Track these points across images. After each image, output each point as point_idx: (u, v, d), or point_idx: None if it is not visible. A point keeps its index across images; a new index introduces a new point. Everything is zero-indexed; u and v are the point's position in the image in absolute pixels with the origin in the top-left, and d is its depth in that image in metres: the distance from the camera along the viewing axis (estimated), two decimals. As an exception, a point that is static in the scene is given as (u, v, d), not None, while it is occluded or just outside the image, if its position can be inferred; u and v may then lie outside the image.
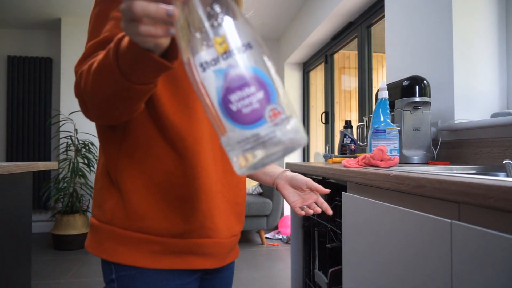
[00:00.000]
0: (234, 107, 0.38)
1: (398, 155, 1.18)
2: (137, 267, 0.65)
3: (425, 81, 1.34)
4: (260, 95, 0.39)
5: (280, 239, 3.83)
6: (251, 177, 0.93)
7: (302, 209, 0.86)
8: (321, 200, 0.88)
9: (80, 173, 3.57)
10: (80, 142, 3.67)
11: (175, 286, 0.68)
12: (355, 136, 1.89)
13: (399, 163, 1.30)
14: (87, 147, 3.67)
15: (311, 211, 0.86)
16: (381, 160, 1.00)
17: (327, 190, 0.86)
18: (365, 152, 1.87)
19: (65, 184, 3.57)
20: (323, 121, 3.63)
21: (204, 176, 0.68)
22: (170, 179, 0.67)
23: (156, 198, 0.66)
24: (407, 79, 1.37)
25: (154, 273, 0.66)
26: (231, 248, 0.77)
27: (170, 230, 0.66)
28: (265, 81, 0.39)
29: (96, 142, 3.75)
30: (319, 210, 0.87)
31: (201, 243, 0.69)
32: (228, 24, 0.40)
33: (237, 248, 0.83)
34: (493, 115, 1.27)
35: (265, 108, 0.38)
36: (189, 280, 0.70)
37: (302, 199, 0.88)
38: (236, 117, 0.38)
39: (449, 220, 0.62)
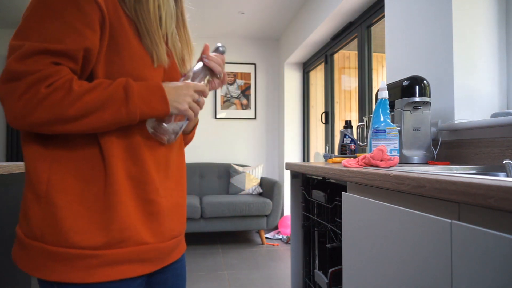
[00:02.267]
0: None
1: (398, 155, 1.18)
2: (76, 283, 0.64)
3: (425, 81, 1.34)
4: None
5: (280, 239, 3.83)
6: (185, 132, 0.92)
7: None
8: None
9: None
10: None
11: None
12: (355, 136, 1.89)
13: (399, 163, 1.30)
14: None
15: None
16: (381, 160, 1.00)
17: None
18: (365, 152, 1.87)
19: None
20: (323, 121, 3.63)
21: (131, 187, 0.70)
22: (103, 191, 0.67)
23: (90, 211, 0.65)
24: (407, 79, 1.37)
25: (96, 286, 0.65)
26: (173, 249, 0.78)
27: (105, 242, 0.65)
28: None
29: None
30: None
31: (139, 250, 0.69)
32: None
33: (182, 244, 0.84)
34: (493, 115, 1.27)
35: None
36: (133, 286, 0.70)
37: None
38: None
39: (449, 220, 0.62)
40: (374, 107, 1.36)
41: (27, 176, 0.68)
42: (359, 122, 2.44)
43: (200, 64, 0.81)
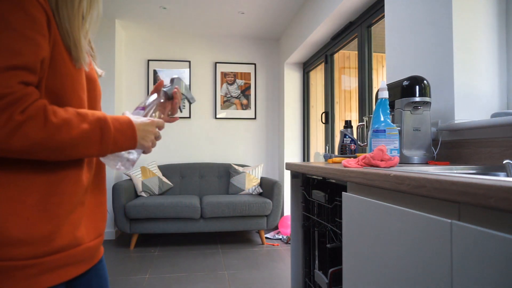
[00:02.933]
0: None
1: (398, 155, 1.18)
2: None
3: (425, 81, 1.34)
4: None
5: (280, 239, 3.83)
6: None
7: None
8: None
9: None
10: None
11: None
12: (355, 136, 1.89)
13: (399, 163, 1.30)
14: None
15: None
16: (381, 160, 1.00)
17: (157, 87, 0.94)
18: (365, 152, 1.87)
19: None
20: (323, 121, 3.63)
21: (77, 191, 0.72)
22: (49, 199, 0.67)
23: (30, 221, 0.64)
24: (407, 79, 1.37)
25: None
26: (98, 248, 0.80)
27: (46, 250, 0.65)
28: None
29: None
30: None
31: (74, 253, 0.71)
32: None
33: (101, 250, 0.86)
34: (493, 115, 1.27)
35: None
36: None
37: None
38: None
39: (449, 220, 0.62)
40: (374, 107, 1.36)
41: None
42: (359, 122, 2.44)
43: (154, 96, 0.90)
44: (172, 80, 0.96)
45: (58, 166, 0.69)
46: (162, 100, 0.92)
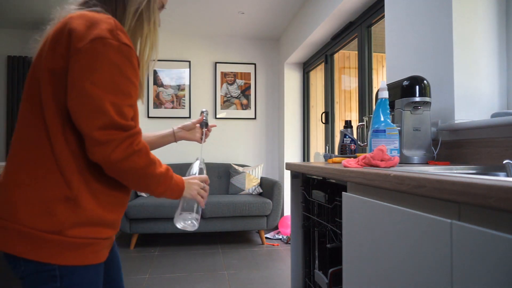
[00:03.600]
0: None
1: (398, 155, 1.18)
2: (81, 265, 0.80)
3: (425, 81, 1.34)
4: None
5: (280, 239, 3.83)
6: (154, 144, 1.21)
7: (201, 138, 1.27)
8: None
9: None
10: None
11: (100, 270, 0.86)
12: (355, 136, 1.89)
13: (399, 163, 1.30)
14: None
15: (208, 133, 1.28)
16: (381, 160, 1.00)
17: (201, 119, 1.26)
18: (365, 152, 1.87)
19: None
20: (323, 121, 3.63)
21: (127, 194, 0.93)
22: (118, 193, 0.89)
23: (108, 209, 0.85)
24: (407, 79, 1.37)
25: (90, 268, 0.82)
26: None
27: (110, 234, 0.87)
28: None
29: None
30: (210, 129, 1.29)
31: (113, 238, 0.94)
32: None
33: None
34: (493, 115, 1.27)
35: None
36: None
37: (199, 133, 1.27)
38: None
39: (449, 220, 0.62)
40: (374, 107, 1.36)
41: (56, 179, 0.79)
42: (359, 122, 2.44)
43: (197, 165, 1.15)
44: (201, 112, 1.27)
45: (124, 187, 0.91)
46: (204, 129, 1.26)
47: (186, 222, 1.04)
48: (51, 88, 0.77)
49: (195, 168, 1.13)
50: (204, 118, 1.26)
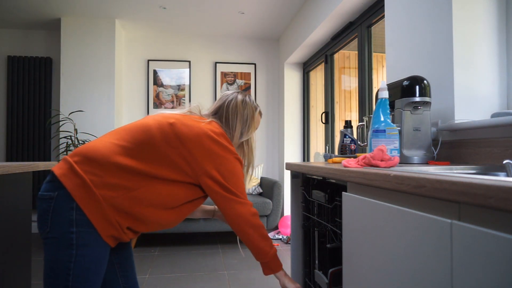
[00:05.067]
0: None
1: (398, 155, 1.18)
2: (101, 235, 1.02)
3: (425, 81, 1.34)
4: None
5: (280, 239, 3.83)
6: (193, 215, 1.48)
7: None
8: None
9: (80, 173, 3.56)
10: (80, 142, 3.68)
11: (108, 248, 1.08)
12: (355, 136, 1.89)
13: (399, 163, 1.30)
14: (87, 147, 3.66)
15: None
16: (381, 160, 1.00)
17: None
18: (365, 152, 1.87)
19: (65, 184, 3.56)
20: (323, 121, 3.63)
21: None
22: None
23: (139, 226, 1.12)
24: (407, 79, 1.37)
25: (103, 240, 1.04)
26: None
27: (131, 231, 1.12)
28: None
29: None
30: None
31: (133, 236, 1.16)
32: None
33: None
34: (493, 115, 1.27)
35: None
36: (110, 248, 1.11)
37: None
38: None
39: (449, 220, 0.62)
40: (374, 107, 1.36)
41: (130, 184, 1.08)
42: (359, 122, 2.44)
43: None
44: None
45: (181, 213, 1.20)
46: None
47: None
48: None
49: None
50: None
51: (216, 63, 4.46)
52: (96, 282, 1.03)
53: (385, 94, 1.22)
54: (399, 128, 1.33)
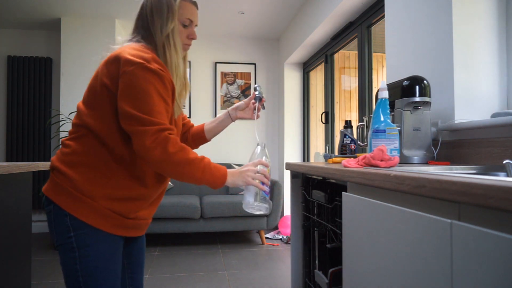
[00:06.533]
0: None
1: (398, 155, 1.18)
2: (101, 230, 1.02)
3: (425, 81, 1.34)
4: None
5: (280, 239, 3.83)
6: (215, 129, 1.39)
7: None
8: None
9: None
10: (80, 142, 3.67)
11: (117, 241, 1.07)
12: (355, 136, 1.89)
13: (399, 163, 1.30)
14: (87, 147, 3.66)
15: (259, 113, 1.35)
16: (381, 160, 1.00)
17: (253, 96, 1.33)
18: (365, 152, 1.87)
19: (65, 184, 3.56)
20: (323, 121, 3.63)
21: (150, 191, 1.12)
22: (139, 187, 1.08)
23: (132, 198, 1.07)
24: (407, 79, 1.37)
25: (108, 233, 1.04)
26: (147, 225, 1.21)
27: (129, 216, 1.08)
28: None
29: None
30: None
31: (138, 223, 1.12)
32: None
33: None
34: (493, 115, 1.27)
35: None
36: (122, 242, 1.11)
37: (251, 111, 1.36)
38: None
39: (449, 220, 0.62)
40: (374, 107, 1.36)
41: (91, 150, 1.04)
42: (359, 122, 2.44)
43: (258, 149, 1.20)
44: (255, 89, 1.33)
45: (150, 175, 1.09)
46: (256, 103, 1.31)
47: (252, 209, 1.10)
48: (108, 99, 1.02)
49: (255, 154, 1.18)
50: (257, 93, 1.31)
51: (216, 63, 4.46)
52: (108, 278, 1.04)
53: (385, 94, 1.22)
54: (399, 128, 1.33)
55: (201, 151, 4.35)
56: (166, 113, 1.02)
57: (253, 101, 1.33)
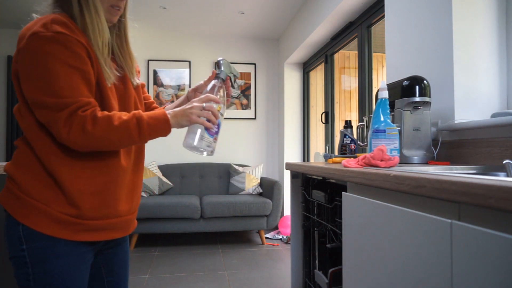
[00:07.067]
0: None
1: (398, 155, 1.18)
2: (62, 238, 0.87)
3: (425, 81, 1.34)
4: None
5: (280, 239, 3.83)
6: None
7: None
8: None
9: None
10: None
11: (80, 253, 0.91)
12: (355, 136, 1.89)
13: (399, 163, 1.30)
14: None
15: None
16: (381, 160, 1.00)
17: (212, 76, 1.09)
18: (365, 152, 1.87)
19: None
20: (323, 121, 3.63)
21: (119, 173, 0.95)
22: (99, 178, 0.91)
23: (91, 193, 0.90)
24: (407, 79, 1.37)
25: (68, 243, 0.88)
26: (133, 221, 1.04)
27: (93, 215, 0.90)
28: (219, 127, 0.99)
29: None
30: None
31: (115, 221, 0.95)
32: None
33: (135, 222, 1.07)
34: (493, 115, 1.27)
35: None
36: (89, 249, 0.94)
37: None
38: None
39: (449, 220, 0.62)
40: (374, 107, 1.36)
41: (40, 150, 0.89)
42: (359, 122, 2.44)
43: (211, 83, 1.04)
44: (219, 64, 1.07)
45: (103, 155, 0.92)
46: (220, 85, 1.04)
47: (193, 148, 0.96)
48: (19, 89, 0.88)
49: (208, 87, 1.02)
50: (218, 71, 1.05)
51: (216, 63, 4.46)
52: None
53: (385, 94, 1.22)
54: (399, 128, 1.33)
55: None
56: (82, 82, 0.85)
57: (214, 81, 1.05)
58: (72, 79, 0.83)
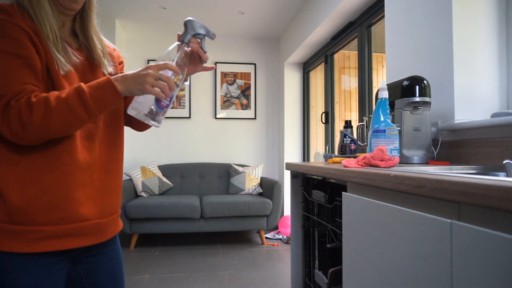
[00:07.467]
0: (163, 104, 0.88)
1: (398, 155, 1.18)
2: (14, 252, 0.77)
3: (425, 81, 1.34)
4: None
5: (280, 239, 3.83)
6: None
7: None
8: None
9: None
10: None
11: (44, 265, 0.80)
12: (355, 136, 1.90)
13: (399, 163, 1.30)
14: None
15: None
16: (381, 160, 1.00)
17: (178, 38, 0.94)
18: (365, 152, 1.87)
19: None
20: (323, 121, 3.63)
21: (74, 170, 0.83)
22: (44, 176, 0.80)
23: (35, 194, 0.79)
24: (407, 79, 1.37)
25: (28, 255, 0.78)
26: (110, 225, 0.93)
27: (44, 220, 0.79)
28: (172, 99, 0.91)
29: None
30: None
31: (77, 226, 0.83)
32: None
33: (116, 227, 0.97)
34: (493, 115, 1.27)
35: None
36: (60, 259, 0.84)
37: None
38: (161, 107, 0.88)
39: (449, 220, 0.62)
40: (374, 107, 1.36)
41: None
42: (359, 122, 2.44)
43: (173, 45, 0.91)
44: (185, 25, 0.91)
45: (53, 147, 0.81)
46: (186, 49, 0.92)
47: (138, 116, 0.86)
48: None
49: (167, 52, 0.89)
50: (181, 36, 0.91)
51: (216, 63, 4.46)
52: None
53: (385, 94, 1.22)
54: (399, 128, 1.33)
55: (201, 151, 4.35)
56: (20, 68, 0.77)
57: (175, 44, 0.92)
58: (5, 66, 0.75)
